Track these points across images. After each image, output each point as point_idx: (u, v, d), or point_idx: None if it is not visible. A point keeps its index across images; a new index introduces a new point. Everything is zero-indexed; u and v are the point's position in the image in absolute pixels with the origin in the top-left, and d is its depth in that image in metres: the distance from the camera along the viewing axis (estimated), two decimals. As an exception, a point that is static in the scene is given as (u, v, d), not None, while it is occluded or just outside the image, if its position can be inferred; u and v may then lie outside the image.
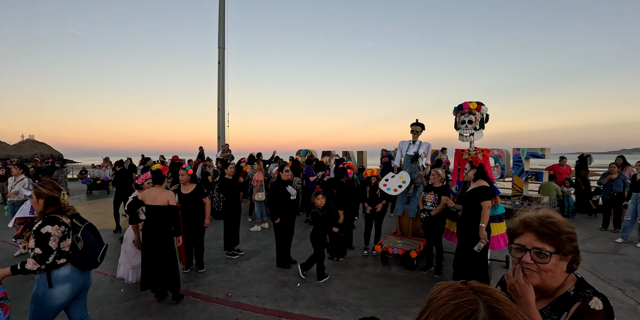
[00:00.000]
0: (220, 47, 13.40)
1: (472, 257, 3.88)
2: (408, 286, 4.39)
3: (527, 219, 1.18)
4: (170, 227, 3.82)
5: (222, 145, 12.55)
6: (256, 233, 7.03)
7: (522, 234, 1.18)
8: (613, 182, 7.22)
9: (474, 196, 3.89)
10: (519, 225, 1.20)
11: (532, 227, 1.16)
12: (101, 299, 4.01)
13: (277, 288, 4.30)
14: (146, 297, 4.01)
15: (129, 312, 3.69)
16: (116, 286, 4.37)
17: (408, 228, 5.59)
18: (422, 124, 5.55)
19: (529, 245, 1.14)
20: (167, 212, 3.77)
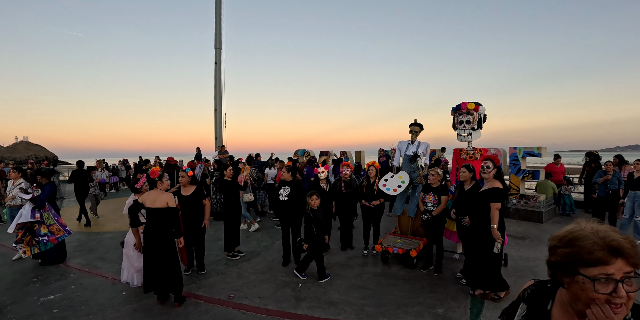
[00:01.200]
0: (216, 48, 13.39)
1: (487, 257, 3.91)
2: (408, 285, 4.43)
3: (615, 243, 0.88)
4: (170, 229, 3.83)
5: (219, 146, 12.54)
6: (256, 234, 7.04)
7: (608, 263, 0.88)
8: (609, 180, 7.33)
9: (488, 197, 3.89)
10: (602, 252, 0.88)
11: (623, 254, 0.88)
12: (103, 303, 4.02)
13: (279, 289, 4.33)
14: (148, 299, 4.02)
15: (132, 315, 3.70)
16: (118, 289, 4.37)
17: (407, 227, 5.64)
18: (421, 124, 5.60)
19: (619, 273, 0.87)
20: (167, 214, 3.78)
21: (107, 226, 7.98)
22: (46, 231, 5.11)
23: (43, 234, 5.07)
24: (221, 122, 13.12)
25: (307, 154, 11.11)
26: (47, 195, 5.21)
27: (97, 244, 6.53)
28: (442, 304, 3.91)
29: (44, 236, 5.07)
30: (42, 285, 4.57)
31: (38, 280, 4.76)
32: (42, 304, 4.04)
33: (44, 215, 5.16)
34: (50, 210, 5.28)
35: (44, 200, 5.16)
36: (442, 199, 4.68)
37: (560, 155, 9.44)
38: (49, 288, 4.48)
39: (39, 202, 5.10)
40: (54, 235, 5.18)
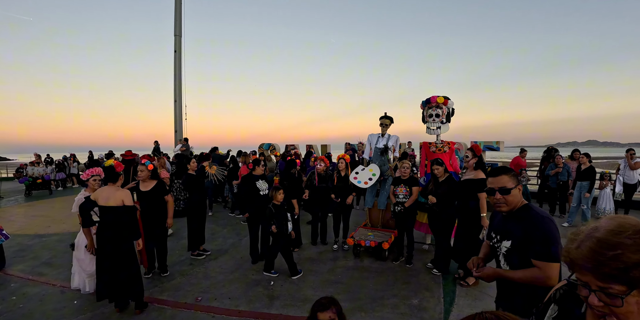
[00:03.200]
0: (176, 35, 12.60)
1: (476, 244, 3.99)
2: (382, 277, 4.41)
3: (574, 258, 0.87)
4: (127, 229, 3.47)
5: (179, 139, 11.88)
6: (222, 231, 6.72)
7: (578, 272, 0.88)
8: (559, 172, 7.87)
9: (474, 187, 3.98)
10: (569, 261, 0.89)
11: (586, 269, 0.85)
12: (51, 314, 3.58)
13: (249, 288, 4.12)
14: (105, 307, 3.63)
15: (86, 326, 3.34)
16: (68, 298, 3.92)
17: (378, 220, 5.63)
18: (391, 117, 5.59)
19: (592, 284, 0.84)
20: (123, 213, 3.41)
21: (54, 227, 7.24)
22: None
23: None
24: (181, 114, 12.40)
25: (272, 148, 10.83)
26: None
27: (42, 248, 5.88)
28: (416, 295, 3.92)
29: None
30: (-24, 297, 4.01)
31: (-29, 291, 4.17)
32: (-25, 318, 3.54)
33: None
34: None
35: None
36: (413, 190, 4.70)
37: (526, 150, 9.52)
38: (-15, 300, 3.94)
39: None
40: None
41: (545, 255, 1.68)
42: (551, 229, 1.71)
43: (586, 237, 0.86)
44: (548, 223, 1.73)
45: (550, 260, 1.67)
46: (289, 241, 4.51)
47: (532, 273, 1.69)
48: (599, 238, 0.84)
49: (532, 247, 1.72)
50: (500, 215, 1.95)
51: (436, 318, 3.44)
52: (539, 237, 1.69)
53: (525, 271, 1.72)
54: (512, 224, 1.83)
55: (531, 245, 1.72)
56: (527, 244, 1.73)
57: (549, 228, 1.71)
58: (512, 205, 1.83)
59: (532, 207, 1.84)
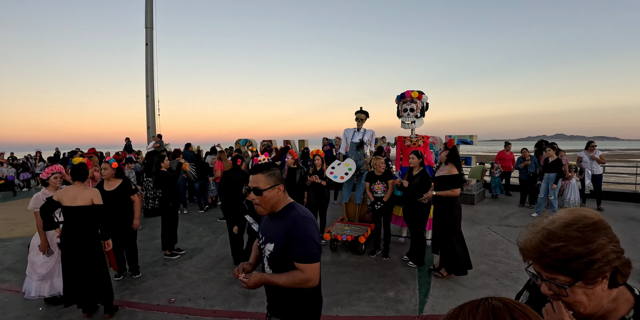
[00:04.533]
0: (147, 27, 12.10)
1: (452, 239, 4.05)
2: (358, 271, 4.44)
3: (523, 247, 0.93)
4: (95, 230, 3.32)
5: (152, 135, 11.50)
6: (197, 229, 6.58)
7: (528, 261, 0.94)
8: (528, 165, 8.19)
9: (448, 182, 4.02)
10: (520, 251, 0.95)
11: (531, 258, 0.91)
12: (14, 322, 3.40)
13: (225, 287, 4.05)
14: (72, 313, 3.47)
15: (52, 333, 3.18)
16: (32, 305, 3.71)
17: (354, 214, 5.66)
18: (367, 112, 5.60)
19: (543, 274, 0.89)
20: (91, 212, 3.25)
21: (17, 231, 6.86)
22: None
23: None
24: (154, 110, 11.98)
25: (249, 143, 10.70)
26: None
27: (5, 253, 5.57)
28: (392, 287, 3.97)
29: None
30: None
31: None
32: None
33: None
34: None
35: None
36: (389, 184, 4.75)
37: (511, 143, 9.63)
38: (-62, 310, 3.68)
39: None
40: None
41: (306, 256, 1.63)
42: (311, 229, 1.66)
43: (541, 229, 0.89)
44: (308, 223, 1.67)
45: (310, 262, 1.63)
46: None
47: (294, 276, 1.62)
48: (549, 230, 0.87)
49: (293, 249, 1.63)
50: (268, 216, 1.84)
51: (412, 309, 3.50)
52: (299, 238, 1.63)
53: (289, 274, 1.64)
54: (275, 225, 1.74)
55: (292, 246, 1.63)
56: (288, 246, 1.65)
57: (309, 228, 1.65)
58: (268, 206, 1.71)
59: (295, 206, 1.76)
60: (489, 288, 3.93)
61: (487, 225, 6.51)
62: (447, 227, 4.09)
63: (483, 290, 3.89)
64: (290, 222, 1.67)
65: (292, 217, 1.68)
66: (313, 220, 1.72)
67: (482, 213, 7.44)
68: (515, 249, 5.05)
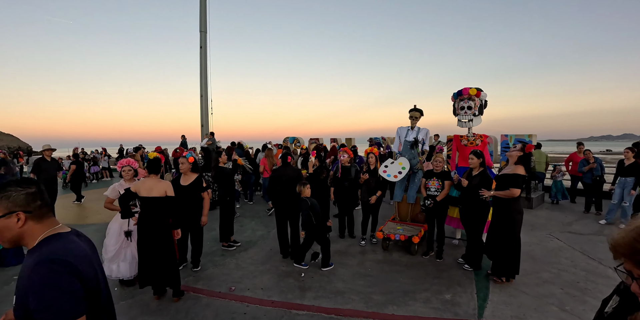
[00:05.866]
0: (201, 31, 12.78)
1: (507, 241, 3.89)
2: (412, 271, 4.38)
3: (615, 244, 0.94)
4: (168, 219, 3.58)
5: (206, 133, 12.12)
6: (250, 223, 6.84)
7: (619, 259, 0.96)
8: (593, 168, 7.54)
9: (509, 181, 3.84)
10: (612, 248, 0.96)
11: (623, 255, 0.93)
12: (94, 298, 3.76)
13: (281, 279, 4.18)
14: (144, 295, 3.77)
15: (127, 313, 3.46)
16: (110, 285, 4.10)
17: (407, 214, 5.57)
18: (421, 110, 5.48)
19: (635, 272, 0.91)
20: (165, 203, 3.52)
21: (91, 218, 7.58)
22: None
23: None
24: (207, 109, 12.62)
25: (297, 141, 10.90)
26: None
27: (82, 237, 6.18)
28: (448, 290, 3.87)
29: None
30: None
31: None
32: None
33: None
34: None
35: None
36: (445, 184, 4.63)
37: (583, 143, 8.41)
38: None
39: None
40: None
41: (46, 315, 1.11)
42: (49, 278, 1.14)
43: (635, 227, 0.91)
44: (47, 270, 1.15)
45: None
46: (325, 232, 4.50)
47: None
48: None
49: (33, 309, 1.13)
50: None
51: (470, 313, 3.39)
52: (34, 293, 1.13)
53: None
54: None
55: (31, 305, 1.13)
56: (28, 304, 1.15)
57: (46, 278, 1.14)
58: (4, 240, 1.25)
59: (50, 242, 1.26)
60: (553, 297, 3.70)
61: (548, 231, 6.12)
62: (506, 232, 3.90)
63: (548, 299, 3.67)
64: (23, 268, 1.21)
65: (30, 261, 1.20)
66: (62, 265, 1.17)
67: (542, 218, 6.99)
68: (582, 258, 4.73)
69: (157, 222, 3.51)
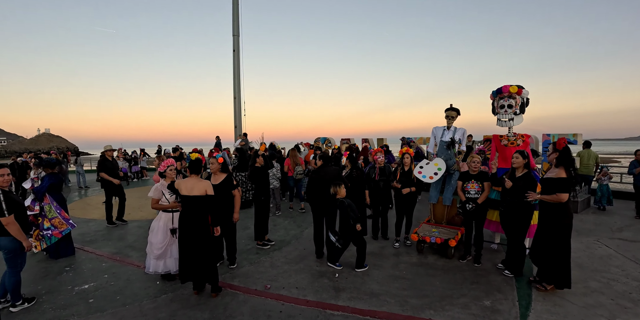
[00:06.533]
0: (234, 35, 13.15)
1: (555, 247, 3.72)
2: (449, 276, 4.26)
3: None
4: (207, 217, 3.70)
5: (239, 134, 12.43)
6: (283, 222, 6.95)
7: None
8: None
9: (554, 186, 3.65)
10: None
11: None
12: (138, 293, 3.95)
13: (315, 279, 4.20)
14: (184, 289, 3.94)
15: (169, 306, 3.62)
16: (151, 279, 4.29)
17: (442, 216, 5.42)
18: (457, 109, 5.32)
19: None
20: (205, 202, 3.65)
21: (133, 215, 7.98)
22: (49, 225, 4.71)
23: (46, 227, 4.68)
24: (240, 111, 12.97)
25: (328, 141, 10.92)
26: (44, 187, 4.87)
27: (126, 233, 6.53)
28: (487, 296, 3.73)
29: (47, 230, 4.67)
30: (76, 275, 4.53)
31: (71, 269, 4.74)
32: (77, 293, 4.00)
33: (45, 208, 4.74)
34: (52, 202, 4.84)
35: (40, 192, 4.80)
36: (485, 186, 4.46)
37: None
38: (83, 277, 4.44)
39: (36, 193, 4.77)
40: (57, 229, 4.75)
41: None
42: None
43: None
44: None
45: None
46: (362, 233, 4.48)
47: None
48: None
49: None
50: None
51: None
52: None
53: None
54: None
55: None
56: None
57: None
58: None
59: None
60: (603, 308, 3.46)
61: (596, 237, 5.74)
62: (556, 237, 3.70)
63: (596, 309, 3.44)
64: None
65: None
66: None
67: (588, 223, 6.56)
68: (635, 267, 4.41)
69: (197, 219, 3.64)
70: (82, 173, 13.18)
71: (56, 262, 5.01)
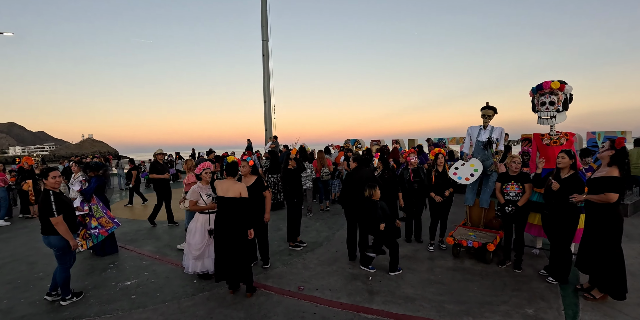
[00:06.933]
0: (264, 40, 13.39)
1: (606, 253, 3.49)
2: (488, 281, 4.09)
3: None
4: (242, 219, 3.77)
5: (269, 137, 12.63)
6: (314, 224, 6.96)
7: None
8: None
9: (603, 185, 3.41)
10: None
11: None
12: (177, 290, 4.10)
13: (348, 281, 4.17)
14: (220, 288, 4.03)
15: (206, 304, 3.72)
16: (189, 277, 4.42)
17: (479, 219, 5.22)
18: (494, 108, 5.10)
19: None
20: (239, 204, 3.73)
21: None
22: (96, 224, 5.08)
23: (94, 226, 5.04)
24: (270, 114, 13.18)
25: (358, 143, 10.86)
26: (92, 188, 5.21)
27: (163, 232, 6.80)
28: (530, 304, 3.54)
29: (95, 229, 5.03)
30: (119, 272, 4.77)
31: (115, 266, 4.98)
32: (120, 289, 4.20)
33: (93, 208, 5.13)
34: (98, 202, 5.24)
35: (89, 193, 5.16)
36: (526, 187, 4.25)
37: None
38: (125, 274, 4.66)
39: (85, 194, 5.13)
40: (104, 227, 5.13)
41: None
42: None
43: None
44: None
45: None
46: (395, 235, 4.42)
47: None
48: None
49: None
50: None
51: (559, 332, 3.07)
52: None
53: None
54: None
55: None
56: None
57: None
58: None
59: None
60: (661, 320, 3.19)
61: (650, 243, 5.32)
62: (606, 242, 3.45)
63: (654, 322, 3.18)
64: None
65: None
66: None
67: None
68: None
69: (232, 221, 3.72)
70: (122, 175, 13.88)
71: (101, 259, 5.29)
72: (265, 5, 13.55)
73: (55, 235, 3.66)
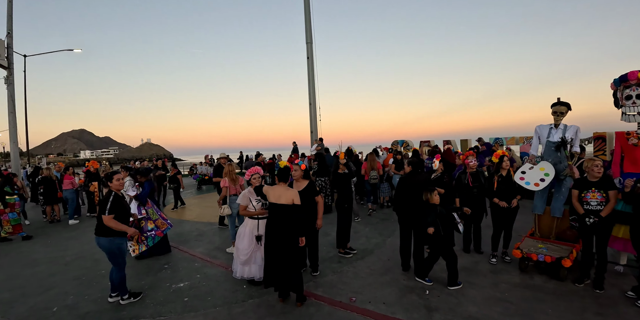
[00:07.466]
0: (308, 42, 13.40)
1: None
2: (564, 302, 3.60)
3: None
4: (294, 226, 3.65)
5: (315, 139, 12.59)
6: (363, 230, 6.70)
7: None
8: None
9: None
10: None
11: None
12: (227, 295, 4.08)
13: (403, 294, 3.89)
14: (269, 295, 3.95)
15: (256, 311, 3.65)
16: (239, 282, 4.39)
17: (550, 230, 4.66)
18: (568, 104, 4.51)
19: None
20: (291, 211, 3.61)
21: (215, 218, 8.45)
22: (153, 226, 5.32)
23: (150, 229, 5.28)
24: (316, 116, 13.12)
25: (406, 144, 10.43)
26: (146, 193, 5.49)
27: (214, 234, 6.94)
28: (618, 332, 3.04)
29: (151, 231, 5.29)
30: (173, 273, 4.88)
31: (169, 267, 5.12)
32: (174, 291, 4.28)
33: (149, 211, 5.41)
34: (153, 206, 5.54)
35: (144, 197, 5.44)
36: (610, 195, 3.70)
37: None
38: (178, 275, 4.76)
39: (141, 199, 5.39)
40: (160, 229, 5.39)
41: None
42: None
43: None
44: None
45: None
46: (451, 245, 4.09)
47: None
48: None
49: None
50: None
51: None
52: None
53: None
54: None
55: None
56: None
57: None
58: None
59: None
60: None
61: None
62: None
63: None
64: None
65: None
66: None
67: None
68: None
69: (284, 228, 3.62)
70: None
71: (157, 259, 5.48)
72: (309, 7, 13.56)
73: (105, 237, 3.79)
